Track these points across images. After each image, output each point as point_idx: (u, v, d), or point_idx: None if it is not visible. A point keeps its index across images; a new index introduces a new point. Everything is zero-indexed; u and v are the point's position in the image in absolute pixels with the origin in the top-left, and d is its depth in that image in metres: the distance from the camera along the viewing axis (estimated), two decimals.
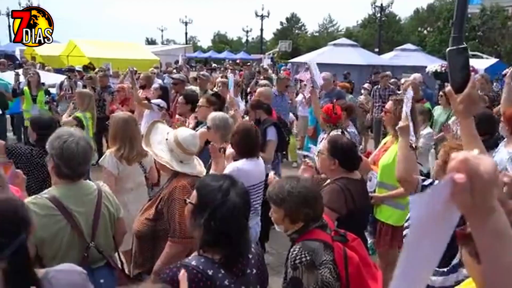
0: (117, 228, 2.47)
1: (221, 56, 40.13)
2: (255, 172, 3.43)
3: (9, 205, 1.50)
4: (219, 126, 3.76)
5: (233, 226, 1.66)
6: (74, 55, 17.01)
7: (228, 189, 1.70)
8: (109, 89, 8.22)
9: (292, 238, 2.16)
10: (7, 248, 1.39)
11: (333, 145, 2.95)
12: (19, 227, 1.46)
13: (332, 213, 2.67)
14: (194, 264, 1.63)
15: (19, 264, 1.42)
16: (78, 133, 2.34)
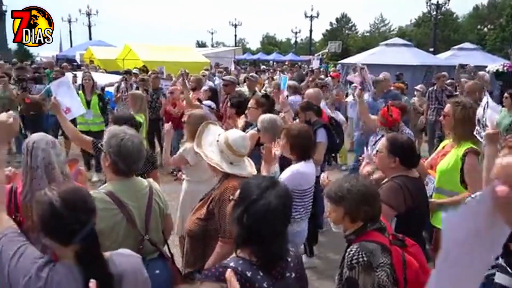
0: (166, 223, 2.55)
1: (270, 58, 40.23)
2: (311, 175, 3.43)
3: (80, 194, 1.62)
4: (267, 128, 3.76)
5: (265, 225, 1.65)
6: (129, 58, 17.73)
7: (266, 188, 1.71)
8: (161, 91, 8.46)
9: (349, 239, 2.14)
10: (79, 233, 1.51)
11: (393, 143, 2.89)
12: (89, 215, 1.58)
13: (390, 211, 2.66)
14: (232, 266, 1.65)
15: (89, 247, 1.54)
16: (132, 131, 2.43)
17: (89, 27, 44.58)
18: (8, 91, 8.42)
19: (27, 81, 9.06)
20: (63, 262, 1.55)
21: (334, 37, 51.76)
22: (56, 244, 1.55)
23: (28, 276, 1.49)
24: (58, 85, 4.56)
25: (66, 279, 1.52)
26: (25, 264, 1.52)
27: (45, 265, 1.53)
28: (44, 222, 1.54)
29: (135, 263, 1.70)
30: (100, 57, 19.38)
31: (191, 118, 3.82)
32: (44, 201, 1.55)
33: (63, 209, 1.52)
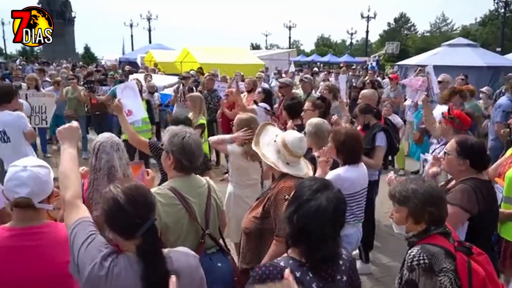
0: (221, 219, 2.62)
1: (324, 59, 39.77)
2: (357, 179, 3.38)
3: (141, 191, 1.70)
4: (311, 132, 3.72)
5: (314, 226, 1.65)
6: (187, 61, 18.25)
7: (318, 190, 1.72)
8: (215, 93, 8.62)
9: (411, 242, 2.09)
10: (141, 228, 1.59)
11: (463, 145, 2.79)
12: (150, 210, 1.67)
13: (463, 213, 2.59)
14: (282, 265, 1.67)
15: (149, 242, 1.61)
16: (191, 130, 2.54)
17: (149, 31, 46.53)
18: (76, 92, 8.98)
19: (94, 83, 9.62)
20: (124, 255, 1.64)
21: (391, 38, 50.22)
22: (119, 238, 1.64)
23: (94, 263, 1.59)
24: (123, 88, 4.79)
25: (125, 271, 1.60)
26: (92, 251, 1.62)
27: (109, 255, 1.62)
28: (109, 216, 1.64)
29: (192, 262, 1.75)
30: (160, 59, 20.13)
31: (238, 120, 3.87)
32: (109, 197, 1.65)
33: (126, 204, 1.61)
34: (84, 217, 1.75)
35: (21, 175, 1.90)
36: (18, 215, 1.95)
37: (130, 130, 3.82)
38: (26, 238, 1.89)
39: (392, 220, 2.19)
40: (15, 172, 1.91)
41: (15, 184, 1.89)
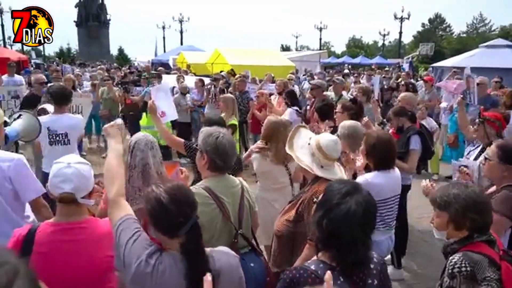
0: (254, 220, 2.64)
1: (356, 61, 39.22)
2: (388, 185, 3.25)
3: (183, 190, 1.75)
4: (346, 135, 3.67)
5: (344, 230, 1.63)
6: (218, 62, 18.40)
7: (347, 194, 1.70)
8: (246, 94, 8.67)
9: (452, 249, 2.03)
10: (184, 227, 1.63)
11: (505, 150, 2.70)
12: (192, 209, 1.70)
13: (507, 221, 2.53)
14: (313, 269, 1.66)
15: (193, 240, 1.65)
16: (224, 130, 2.56)
17: (181, 33, 47.39)
18: (111, 93, 9.24)
19: (128, 84, 9.87)
20: (168, 253, 1.67)
21: (426, 39, 48.96)
22: (163, 236, 1.68)
23: (140, 260, 1.64)
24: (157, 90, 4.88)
25: (170, 268, 1.63)
26: (138, 249, 1.67)
27: (154, 253, 1.66)
28: (152, 215, 1.68)
29: (232, 261, 1.78)
30: (191, 61, 20.42)
31: (267, 122, 3.84)
32: (152, 197, 1.69)
33: (169, 204, 1.65)
34: (129, 215, 1.80)
35: (65, 171, 1.98)
36: (62, 210, 2.03)
37: (164, 131, 3.88)
38: (70, 233, 1.97)
39: (432, 225, 2.14)
40: (59, 168, 2.00)
41: (60, 180, 1.98)
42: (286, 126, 3.71)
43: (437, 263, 4.65)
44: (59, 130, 4.56)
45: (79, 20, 49.60)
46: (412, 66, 22.33)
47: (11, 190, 2.67)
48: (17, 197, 2.72)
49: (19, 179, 2.66)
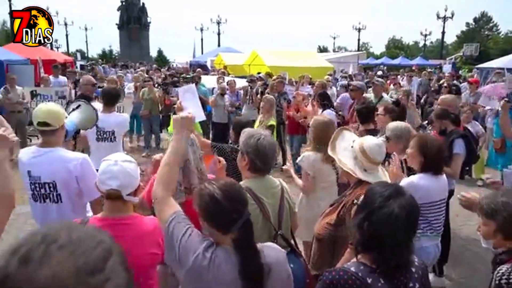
0: (293, 221, 2.63)
1: (395, 62, 38.25)
2: (434, 188, 3.19)
3: (235, 187, 1.79)
4: (400, 136, 3.58)
5: (386, 233, 1.62)
6: (255, 64, 18.49)
7: (389, 197, 1.68)
8: (284, 96, 8.66)
9: (500, 260, 1.97)
10: (237, 223, 1.67)
11: None
12: (244, 205, 1.75)
13: None
14: (353, 270, 1.65)
15: (245, 236, 1.69)
16: (265, 132, 2.58)
17: (218, 35, 47.91)
18: (152, 94, 9.49)
19: (168, 85, 10.10)
20: (222, 247, 1.71)
21: (470, 39, 47.19)
22: (216, 232, 1.72)
23: (197, 253, 1.68)
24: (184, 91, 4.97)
25: (225, 262, 1.67)
26: (194, 242, 1.71)
27: (210, 246, 1.71)
28: (207, 212, 1.72)
29: (281, 257, 1.80)
30: (229, 62, 20.64)
31: (315, 122, 3.85)
32: (206, 194, 1.73)
33: (223, 200, 1.69)
34: (179, 211, 1.85)
35: (112, 168, 2.06)
36: (109, 206, 2.11)
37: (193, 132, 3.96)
38: (115, 228, 2.04)
39: (479, 233, 2.07)
40: (107, 165, 2.08)
41: (107, 177, 2.06)
42: (334, 126, 3.70)
43: (480, 273, 4.47)
44: (107, 128, 4.76)
45: (120, 23, 51.20)
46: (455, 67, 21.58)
47: (76, 189, 2.82)
48: (81, 196, 2.86)
49: (84, 179, 2.79)
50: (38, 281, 0.60)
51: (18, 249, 0.65)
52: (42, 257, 0.63)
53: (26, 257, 0.63)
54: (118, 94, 5.03)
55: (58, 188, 2.81)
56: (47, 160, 2.80)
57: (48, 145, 2.86)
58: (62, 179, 2.79)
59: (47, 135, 2.86)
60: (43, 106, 2.94)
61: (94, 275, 0.63)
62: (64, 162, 2.80)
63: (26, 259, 0.63)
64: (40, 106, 2.92)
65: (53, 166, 2.79)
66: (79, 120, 3.48)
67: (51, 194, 2.83)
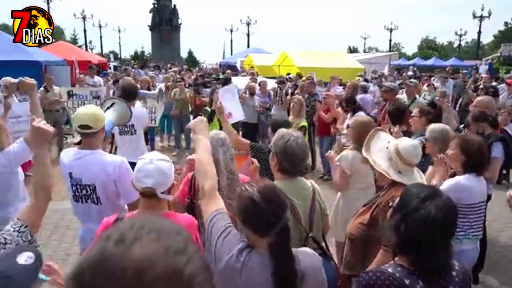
0: (324, 223, 2.61)
1: (428, 63, 37.31)
2: (477, 189, 3.14)
3: (275, 191, 1.77)
4: (438, 138, 3.51)
5: (423, 235, 1.59)
6: (285, 64, 18.47)
7: (426, 199, 1.65)
8: (314, 97, 8.62)
9: None
10: (275, 227, 1.65)
11: None
12: (284, 210, 1.73)
13: None
14: (390, 271, 1.63)
15: (281, 241, 1.67)
16: (297, 133, 2.56)
17: (248, 36, 48.12)
18: (183, 94, 9.63)
19: (199, 85, 10.23)
20: (257, 250, 1.70)
21: (509, 39, 45.38)
22: (253, 235, 1.71)
23: (230, 255, 1.69)
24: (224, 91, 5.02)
25: (258, 266, 1.66)
26: (229, 243, 1.72)
27: (244, 248, 1.71)
28: (245, 214, 1.72)
29: (316, 263, 1.78)
30: (258, 63, 20.69)
31: (355, 122, 3.83)
32: (245, 196, 1.73)
33: (262, 204, 1.68)
34: (221, 209, 1.85)
35: (147, 167, 2.11)
36: (144, 204, 2.17)
37: (230, 131, 3.99)
38: None
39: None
40: (143, 164, 2.13)
41: (143, 175, 2.11)
42: (373, 126, 3.68)
43: None
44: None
45: (152, 25, 52.21)
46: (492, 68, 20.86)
47: (114, 192, 2.90)
48: (118, 198, 2.94)
49: (122, 181, 2.85)
50: (133, 257, 0.67)
51: (110, 235, 0.73)
52: (134, 238, 0.70)
53: (120, 239, 0.71)
54: (135, 90, 5.16)
55: (97, 190, 2.88)
56: (87, 163, 2.88)
57: (89, 147, 2.93)
58: (101, 182, 2.86)
59: (88, 138, 2.93)
60: (84, 109, 3.00)
61: (179, 255, 0.70)
62: (103, 166, 2.87)
63: (120, 240, 0.70)
64: (81, 109, 3.00)
65: (93, 169, 2.86)
66: (115, 118, 3.58)
67: (91, 195, 2.91)
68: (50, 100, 9.07)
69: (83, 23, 44.11)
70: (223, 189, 2.58)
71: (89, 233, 2.97)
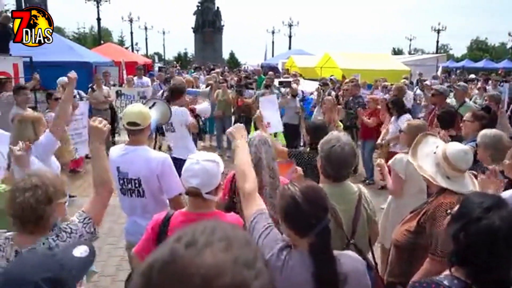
0: (372, 230, 2.54)
1: (478, 65, 35.73)
2: None
3: (318, 192, 1.77)
4: (489, 144, 3.34)
5: (484, 246, 1.52)
6: (327, 66, 18.25)
7: (490, 209, 1.58)
8: (359, 99, 8.47)
9: None
10: (315, 228, 1.65)
11: None
12: (325, 211, 1.72)
13: None
14: (446, 284, 1.57)
15: (321, 242, 1.66)
16: (345, 139, 2.49)
17: (290, 37, 47.94)
18: (226, 95, 9.75)
19: (242, 87, 10.33)
20: (297, 250, 1.71)
21: None
22: (293, 234, 1.72)
23: (272, 253, 1.71)
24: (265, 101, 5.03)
25: (299, 266, 1.67)
26: (270, 242, 1.74)
27: (285, 248, 1.72)
28: (286, 213, 1.72)
29: (360, 267, 1.75)
30: (300, 65, 20.59)
31: (410, 127, 3.75)
32: (287, 195, 1.73)
33: (303, 204, 1.68)
34: (262, 209, 1.88)
35: (194, 167, 2.15)
36: (191, 202, 2.23)
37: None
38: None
39: None
40: (190, 164, 2.17)
41: (189, 175, 2.15)
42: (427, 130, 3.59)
43: None
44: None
45: (196, 27, 53.28)
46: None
47: (157, 186, 3.01)
48: (161, 193, 3.06)
49: (164, 177, 2.98)
50: (202, 263, 0.67)
51: (182, 236, 0.73)
52: (205, 243, 0.70)
53: (191, 243, 0.71)
54: (181, 89, 5.29)
55: (142, 184, 3.02)
56: (134, 158, 3.02)
57: (136, 144, 3.08)
58: (145, 177, 2.99)
59: (135, 134, 3.08)
60: (132, 107, 3.18)
61: (248, 268, 0.68)
62: (147, 161, 3.00)
63: (191, 244, 0.70)
64: (130, 107, 3.18)
65: (138, 164, 3.00)
66: (157, 117, 3.71)
67: (137, 189, 3.05)
68: (99, 100, 9.43)
69: (130, 25, 45.63)
70: (266, 187, 2.58)
71: (133, 226, 3.11)
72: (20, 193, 1.87)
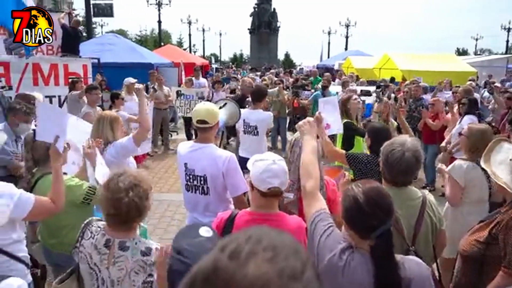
0: (438, 239, 2.42)
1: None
2: None
3: (382, 194, 1.72)
4: None
5: None
6: (386, 67, 17.71)
7: None
8: (421, 101, 8.16)
9: None
10: (377, 230, 1.62)
11: None
12: (388, 214, 1.67)
13: None
14: None
15: (382, 246, 1.63)
16: (411, 144, 2.37)
17: (346, 38, 47.07)
18: (281, 95, 9.76)
19: (299, 88, 10.30)
20: (359, 252, 1.69)
21: None
22: (355, 235, 1.70)
23: (333, 253, 1.70)
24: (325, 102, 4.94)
25: (360, 267, 1.65)
26: (331, 242, 1.73)
27: (347, 248, 1.70)
28: (347, 214, 1.71)
29: (424, 272, 1.69)
30: (358, 66, 20.18)
31: (471, 131, 3.56)
32: (350, 195, 1.72)
33: (365, 205, 1.65)
34: (323, 209, 1.87)
35: (272, 167, 2.15)
36: (261, 202, 2.21)
37: (327, 142, 3.92)
38: (263, 224, 2.13)
39: None
40: (267, 165, 2.15)
41: (269, 175, 2.13)
42: (491, 134, 3.38)
43: None
44: (251, 122, 5.25)
45: (252, 28, 53.76)
46: None
47: (222, 184, 3.07)
48: (225, 191, 3.11)
49: (229, 175, 3.03)
50: (246, 275, 0.64)
51: (226, 246, 0.71)
52: (249, 254, 0.67)
53: (234, 253, 0.68)
54: (263, 92, 5.41)
55: (208, 181, 3.08)
56: (201, 155, 3.09)
57: (204, 141, 3.15)
58: (211, 174, 3.05)
59: (204, 132, 3.15)
60: (202, 105, 3.26)
61: (294, 281, 0.65)
62: (213, 159, 3.05)
63: (235, 255, 0.67)
64: (200, 105, 3.26)
65: (205, 161, 3.06)
66: (226, 117, 3.78)
67: (201, 187, 3.12)
68: (160, 99, 9.79)
69: (188, 27, 47.01)
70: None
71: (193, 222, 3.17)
72: (124, 194, 1.95)
